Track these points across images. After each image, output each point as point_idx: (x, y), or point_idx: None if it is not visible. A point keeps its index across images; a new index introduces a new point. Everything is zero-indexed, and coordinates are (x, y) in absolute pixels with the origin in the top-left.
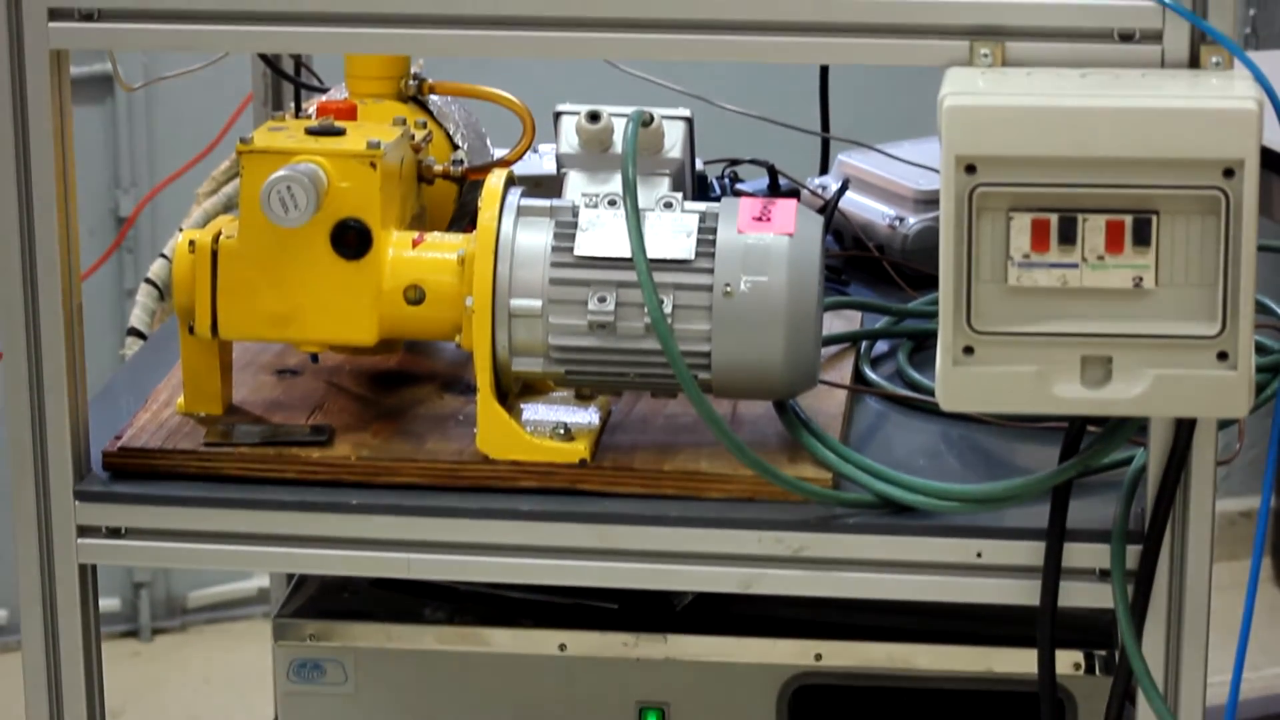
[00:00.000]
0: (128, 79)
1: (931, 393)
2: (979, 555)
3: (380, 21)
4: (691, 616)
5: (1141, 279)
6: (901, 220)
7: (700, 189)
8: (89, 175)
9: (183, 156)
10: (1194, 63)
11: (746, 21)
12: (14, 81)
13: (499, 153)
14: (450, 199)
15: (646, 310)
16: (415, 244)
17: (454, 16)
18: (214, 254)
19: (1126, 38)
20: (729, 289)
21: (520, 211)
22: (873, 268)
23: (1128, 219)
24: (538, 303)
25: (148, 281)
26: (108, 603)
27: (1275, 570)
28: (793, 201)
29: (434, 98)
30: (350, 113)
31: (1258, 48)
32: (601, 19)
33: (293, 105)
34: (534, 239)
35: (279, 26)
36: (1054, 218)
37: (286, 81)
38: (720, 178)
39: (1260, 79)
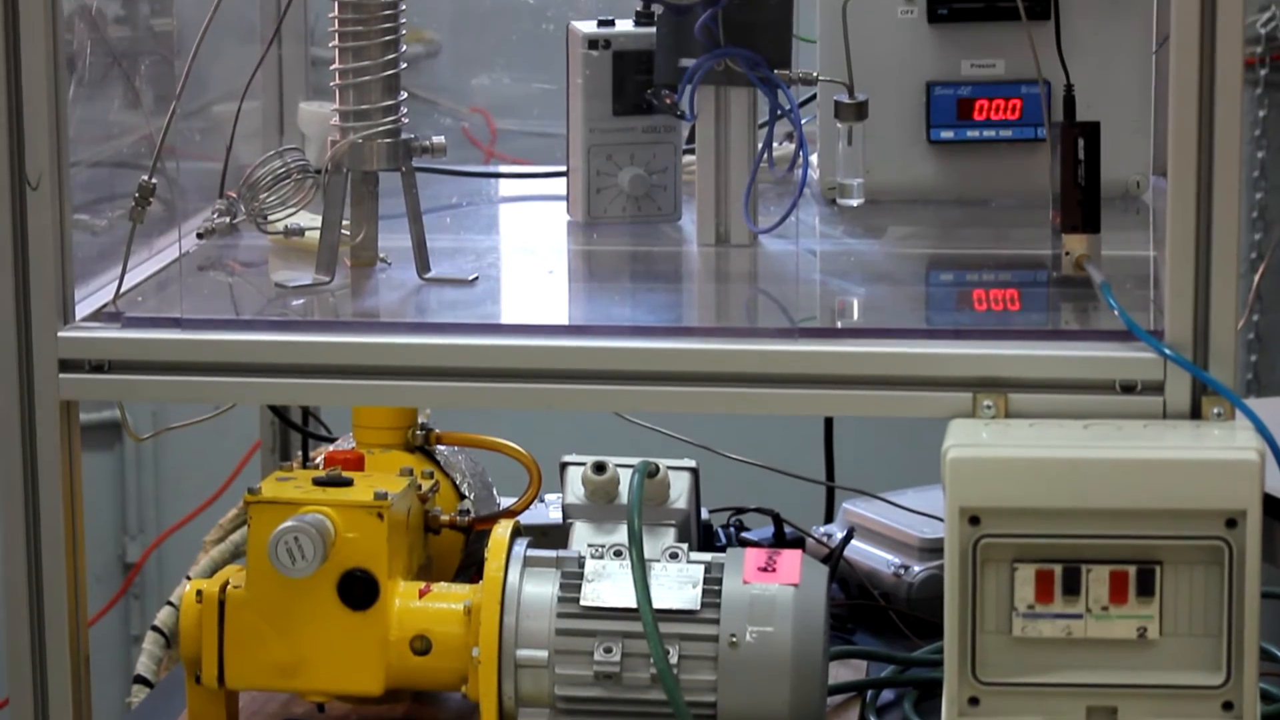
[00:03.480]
0: (136, 426)
1: None
2: None
3: (387, 374)
4: None
5: (1146, 629)
6: (906, 569)
7: (706, 538)
8: (96, 520)
9: (190, 503)
10: (1196, 413)
11: (751, 374)
12: (24, 430)
13: (505, 502)
14: (457, 548)
15: (652, 661)
16: (422, 594)
17: (460, 369)
18: (221, 604)
19: (1128, 389)
20: (734, 639)
21: (526, 562)
22: (878, 616)
23: (1131, 569)
24: (544, 653)
25: (154, 629)
26: None
27: None
28: (798, 552)
29: (441, 448)
30: (358, 463)
31: (1259, 394)
32: (607, 371)
33: (300, 454)
34: (540, 590)
35: (286, 379)
36: (1058, 569)
37: (294, 431)
38: (726, 526)
39: (1261, 429)
